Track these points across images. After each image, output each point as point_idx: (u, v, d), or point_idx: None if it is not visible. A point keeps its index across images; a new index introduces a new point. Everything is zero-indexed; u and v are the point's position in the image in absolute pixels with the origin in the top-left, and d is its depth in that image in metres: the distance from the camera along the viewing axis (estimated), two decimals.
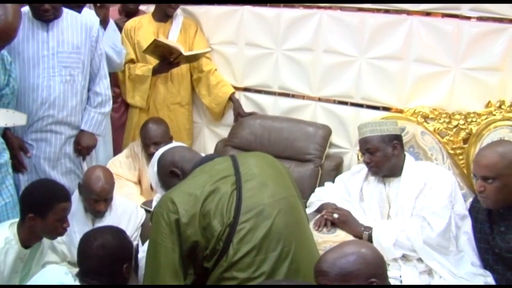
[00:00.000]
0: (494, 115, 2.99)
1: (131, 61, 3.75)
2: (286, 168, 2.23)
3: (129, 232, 2.74)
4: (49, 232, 2.33)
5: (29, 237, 2.32)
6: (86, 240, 2.10)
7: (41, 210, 2.26)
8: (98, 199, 2.72)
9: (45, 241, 2.49)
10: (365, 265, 1.65)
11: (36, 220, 2.26)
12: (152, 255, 1.92)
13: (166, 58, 3.58)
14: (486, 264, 2.45)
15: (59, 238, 2.70)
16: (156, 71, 3.67)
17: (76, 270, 2.12)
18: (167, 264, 1.86)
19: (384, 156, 2.64)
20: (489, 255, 2.42)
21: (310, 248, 2.02)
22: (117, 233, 2.15)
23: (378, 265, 1.68)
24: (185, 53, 3.53)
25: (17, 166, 2.91)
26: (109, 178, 2.78)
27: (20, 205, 2.38)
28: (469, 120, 3.07)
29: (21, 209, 2.35)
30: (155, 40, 3.44)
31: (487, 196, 2.32)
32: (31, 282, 2.12)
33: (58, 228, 2.31)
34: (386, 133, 2.67)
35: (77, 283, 2.01)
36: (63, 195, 2.34)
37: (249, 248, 1.83)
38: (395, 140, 2.67)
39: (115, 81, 3.73)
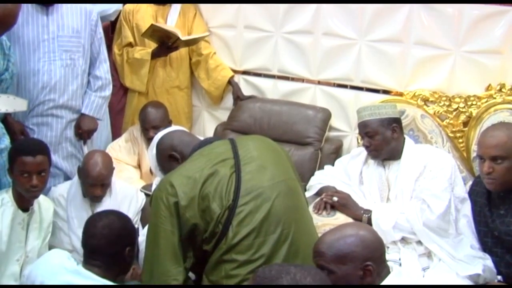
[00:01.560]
0: (495, 98, 2.99)
1: (129, 44, 3.73)
2: (285, 151, 2.23)
3: (129, 217, 2.74)
4: (20, 188, 2.36)
5: (21, 196, 2.37)
6: (92, 221, 2.13)
7: (10, 164, 2.34)
8: (94, 183, 2.72)
9: (44, 216, 2.53)
10: (362, 248, 1.66)
11: (12, 174, 2.34)
12: (151, 238, 1.92)
13: (165, 42, 3.57)
14: (485, 247, 2.46)
15: (58, 223, 2.72)
16: (154, 55, 3.66)
17: (75, 256, 2.13)
18: (166, 247, 1.86)
19: (384, 140, 2.64)
20: (488, 238, 2.43)
21: (309, 231, 2.02)
22: (121, 216, 2.18)
23: (375, 248, 1.69)
24: (183, 37, 3.51)
25: None
26: (107, 163, 2.77)
27: None
28: (469, 103, 3.07)
29: None
30: (152, 24, 3.42)
31: (495, 177, 2.31)
32: (33, 267, 2.12)
33: (24, 183, 2.33)
34: (385, 116, 2.66)
35: (79, 267, 2.02)
36: (27, 149, 2.36)
37: (249, 231, 1.84)
38: (394, 124, 2.66)
39: (114, 65, 3.71)
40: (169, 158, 2.14)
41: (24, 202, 2.40)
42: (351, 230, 1.73)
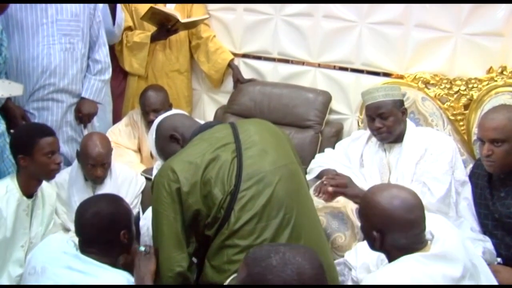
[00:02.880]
0: (496, 81, 2.98)
1: (129, 28, 3.71)
2: (286, 134, 2.22)
3: (128, 200, 2.75)
4: (41, 170, 2.37)
5: (27, 183, 2.38)
6: (81, 209, 2.10)
7: (27, 149, 2.32)
8: (95, 164, 2.72)
9: (47, 201, 2.53)
10: (376, 214, 1.73)
11: (26, 160, 2.33)
12: (155, 224, 1.93)
13: (164, 25, 3.55)
14: (486, 229, 2.47)
15: (59, 209, 2.73)
16: (154, 38, 3.65)
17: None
18: (169, 233, 1.87)
19: (396, 121, 2.60)
20: (488, 220, 2.44)
21: (311, 214, 2.03)
22: (112, 200, 2.13)
23: (385, 220, 1.71)
24: (182, 20, 3.49)
25: None
26: (106, 143, 2.78)
27: (11, 152, 2.44)
28: (470, 86, 3.06)
29: (12, 156, 2.42)
30: (151, 7, 3.40)
31: (494, 160, 2.31)
32: (34, 251, 2.13)
33: (49, 164, 2.35)
34: (398, 98, 2.65)
35: (78, 252, 2.02)
36: (44, 130, 2.39)
37: (251, 216, 1.84)
38: (403, 106, 2.66)
39: (113, 49, 3.69)
40: (169, 139, 2.12)
41: (29, 189, 2.40)
42: (387, 193, 1.75)
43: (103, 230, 2.02)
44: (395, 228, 1.70)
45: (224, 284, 1.83)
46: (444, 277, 1.64)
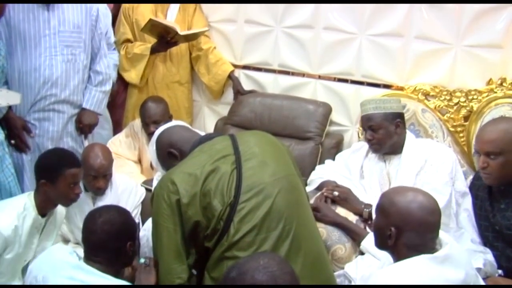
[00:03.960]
0: (495, 92, 2.98)
1: (127, 41, 3.73)
2: (285, 146, 2.22)
3: (128, 210, 2.75)
4: (61, 198, 2.40)
5: (44, 204, 2.40)
6: (91, 217, 2.11)
7: (51, 176, 2.35)
8: (97, 175, 2.72)
9: (58, 218, 2.55)
10: (395, 212, 1.75)
11: (48, 186, 2.34)
12: (155, 236, 1.94)
13: (164, 37, 3.56)
14: (486, 241, 2.46)
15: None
16: (154, 50, 3.66)
17: (80, 250, 2.13)
18: (169, 245, 1.87)
19: (387, 134, 2.63)
20: (489, 232, 2.44)
21: (311, 227, 2.02)
22: (123, 212, 2.16)
23: (404, 220, 1.73)
24: (181, 32, 3.51)
25: (21, 146, 2.91)
26: (107, 155, 2.79)
27: (34, 172, 2.45)
28: (470, 97, 3.06)
29: (35, 176, 2.43)
30: (150, 19, 3.42)
31: (489, 172, 2.32)
32: (36, 261, 2.13)
33: (70, 193, 2.38)
34: (390, 111, 2.65)
35: (81, 262, 2.02)
36: (72, 161, 2.41)
37: (250, 227, 1.83)
38: (398, 119, 2.65)
39: None
40: (168, 155, 2.14)
41: (44, 209, 2.42)
42: (412, 194, 1.79)
43: (112, 237, 2.02)
44: (414, 227, 1.72)
45: None
46: (447, 281, 1.65)
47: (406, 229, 1.72)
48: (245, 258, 1.54)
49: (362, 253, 2.42)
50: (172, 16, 3.71)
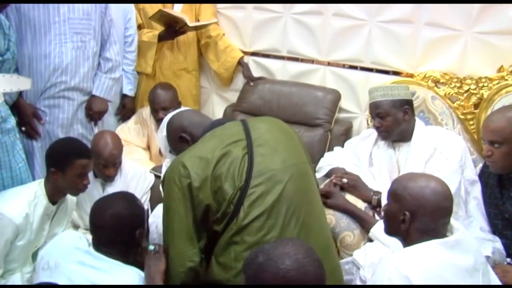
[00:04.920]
0: (506, 80, 2.96)
1: (138, 26, 3.72)
2: (296, 133, 2.22)
3: (137, 196, 2.76)
4: (69, 188, 2.40)
5: (54, 192, 2.41)
6: (98, 210, 2.12)
7: (61, 165, 2.36)
8: (106, 164, 2.74)
9: (69, 205, 2.57)
10: (411, 197, 1.76)
11: (58, 174, 2.35)
12: (166, 220, 1.94)
13: (172, 26, 3.56)
14: (495, 229, 2.46)
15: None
16: (161, 38, 3.65)
17: (89, 236, 2.15)
18: (180, 229, 1.88)
19: (395, 121, 2.62)
20: (498, 220, 2.43)
21: (319, 214, 2.03)
22: (129, 200, 2.16)
23: (420, 205, 1.74)
24: (190, 24, 3.52)
25: (31, 133, 2.94)
26: (117, 143, 2.80)
27: (45, 160, 2.46)
28: (480, 85, 3.04)
29: (46, 164, 2.45)
30: (160, 10, 3.43)
31: (494, 160, 2.32)
32: (46, 247, 2.16)
33: (78, 184, 2.38)
34: (398, 98, 2.64)
35: (91, 248, 2.04)
36: (82, 152, 2.41)
37: (260, 212, 1.84)
38: (406, 106, 2.64)
39: None
40: (179, 139, 2.14)
41: (54, 197, 2.43)
42: (417, 180, 1.80)
43: (120, 232, 2.04)
44: (428, 211, 1.73)
45: None
46: (454, 266, 1.66)
47: (420, 214, 1.73)
48: (271, 244, 1.53)
49: (370, 240, 2.42)
50: (179, 3, 3.70)
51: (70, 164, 2.34)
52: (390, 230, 1.85)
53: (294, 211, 1.88)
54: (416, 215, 1.74)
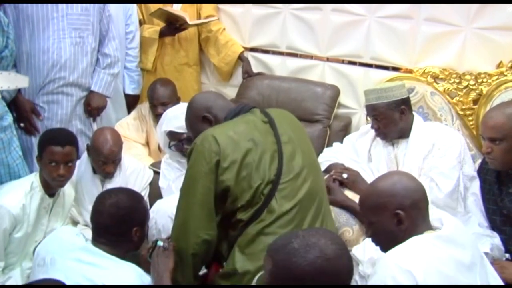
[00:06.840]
0: (506, 75, 2.96)
1: (138, 22, 3.72)
2: (304, 129, 2.29)
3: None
4: (47, 176, 2.40)
5: (46, 183, 2.42)
6: (101, 197, 2.12)
7: (39, 152, 2.38)
8: (106, 161, 2.73)
9: (67, 200, 2.59)
10: (389, 196, 1.72)
11: (39, 162, 2.38)
12: (187, 190, 1.93)
13: (172, 23, 3.56)
14: (494, 225, 2.46)
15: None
16: (163, 34, 3.66)
17: (87, 232, 2.14)
18: (203, 202, 1.88)
19: (391, 122, 2.61)
20: (497, 216, 2.43)
21: (330, 209, 2.16)
22: (134, 196, 2.15)
23: (404, 196, 1.71)
24: (190, 22, 3.53)
25: (30, 129, 2.94)
26: (117, 140, 2.78)
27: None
28: (479, 80, 3.05)
29: None
30: (160, 8, 3.44)
31: (494, 157, 2.31)
32: (43, 243, 2.15)
33: (52, 172, 2.37)
34: (393, 99, 2.60)
35: (88, 243, 2.03)
36: (55, 139, 2.39)
37: (292, 205, 1.90)
38: (403, 105, 2.61)
39: None
40: (202, 119, 2.11)
41: (50, 188, 2.44)
42: (383, 181, 1.78)
43: (117, 221, 2.03)
44: (417, 203, 1.72)
45: (252, 284, 1.82)
46: (451, 259, 1.64)
47: (408, 205, 1.70)
48: (305, 231, 1.51)
49: None
50: (178, 3, 3.69)
51: (44, 151, 2.36)
52: (389, 243, 1.75)
53: (318, 206, 1.97)
54: (407, 208, 1.70)
